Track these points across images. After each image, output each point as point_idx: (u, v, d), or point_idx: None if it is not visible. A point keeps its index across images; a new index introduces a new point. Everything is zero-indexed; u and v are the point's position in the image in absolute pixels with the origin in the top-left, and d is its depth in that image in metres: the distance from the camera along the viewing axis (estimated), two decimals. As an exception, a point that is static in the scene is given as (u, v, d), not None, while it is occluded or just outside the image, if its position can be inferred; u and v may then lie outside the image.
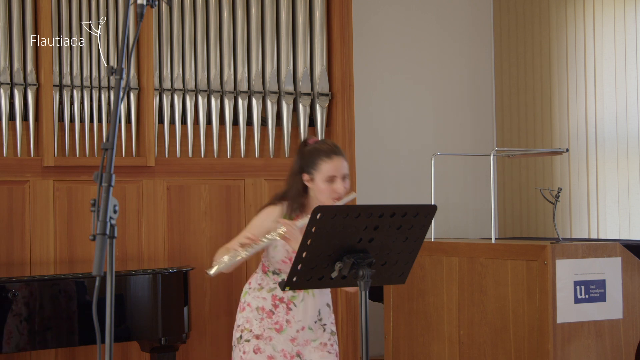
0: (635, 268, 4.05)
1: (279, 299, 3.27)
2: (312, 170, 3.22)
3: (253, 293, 3.31)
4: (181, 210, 5.38)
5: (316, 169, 3.20)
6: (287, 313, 3.26)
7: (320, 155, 3.22)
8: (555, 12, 6.38)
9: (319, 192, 3.21)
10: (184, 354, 5.26)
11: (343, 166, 3.23)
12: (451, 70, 6.86)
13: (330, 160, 3.21)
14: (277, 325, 3.25)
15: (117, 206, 2.07)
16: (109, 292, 2.06)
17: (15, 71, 5.05)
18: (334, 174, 3.20)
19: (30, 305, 4.11)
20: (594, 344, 3.95)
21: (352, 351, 5.70)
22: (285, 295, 3.27)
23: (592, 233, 6.05)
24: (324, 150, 3.23)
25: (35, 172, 5.07)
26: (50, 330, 4.14)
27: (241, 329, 3.28)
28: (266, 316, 3.26)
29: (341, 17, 5.79)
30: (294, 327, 3.26)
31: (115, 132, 2.13)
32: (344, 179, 3.22)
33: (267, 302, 3.27)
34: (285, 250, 3.21)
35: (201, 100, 5.47)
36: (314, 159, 3.22)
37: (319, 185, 3.20)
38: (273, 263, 3.27)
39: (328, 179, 3.19)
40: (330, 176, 3.19)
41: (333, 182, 3.19)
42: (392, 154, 6.62)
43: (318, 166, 3.20)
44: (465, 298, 4.35)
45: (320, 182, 3.19)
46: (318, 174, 3.20)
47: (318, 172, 3.20)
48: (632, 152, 5.81)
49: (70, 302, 4.21)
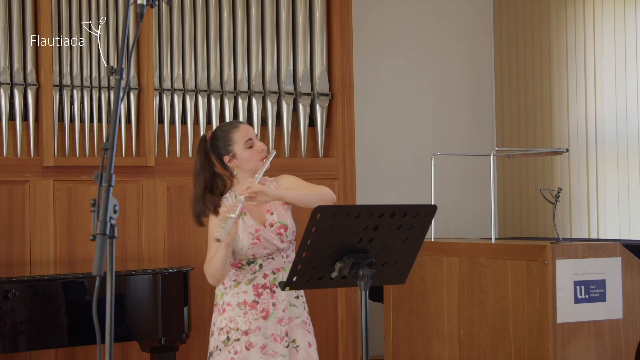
0: (635, 268, 4.05)
1: (261, 287, 3.26)
2: (228, 148, 3.27)
3: (231, 291, 3.29)
4: (181, 210, 5.38)
5: (231, 143, 3.27)
6: (272, 296, 3.26)
7: (228, 131, 3.29)
8: (555, 12, 6.38)
9: (245, 162, 3.27)
10: (184, 354, 5.26)
11: (250, 129, 3.33)
12: (451, 70, 6.86)
13: (238, 129, 3.29)
14: (264, 312, 3.24)
15: (117, 206, 2.07)
16: (109, 292, 2.06)
17: (15, 71, 5.05)
18: (249, 136, 3.28)
19: (30, 305, 4.11)
20: (594, 344, 3.95)
21: (352, 351, 5.70)
22: (267, 280, 3.26)
23: (592, 233, 6.05)
24: (228, 127, 3.32)
25: (35, 172, 5.07)
26: (50, 330, 4.14)
27: (226, 330, 3.26)
28: (249, 308, 3.24)
29: (341, 17, 5.79)
30: (280, 307, 3.26)
31: (115, 132, 2.13)
32: (257, 138, 3.32)
33: (248, 294, 3.25)
34: (248, 234, 3.22)
35: (201, 100, 5.47)
36: (224, 139, 3.29)
37: (243, 155, 3.26)
38: (243, 253, 3.24)
39: (247, 145, 3.26)
40: (248, 140, 3.26)
41: (253, 146, 3.27)
42: (392, 154, 6.62)
43: (231, 139, 3.27)
44: (465, 298, 4.35)
45: (242, 151, 3.26)
46: (236, 146, 3.26)
47: (235, 144, 3.26)
48: (632, 152, 5.81)
49: (70, 302, 4.21)
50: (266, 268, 3.27)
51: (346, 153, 5.78)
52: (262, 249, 3.24)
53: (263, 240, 3.23)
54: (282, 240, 3.26)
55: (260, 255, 3.25)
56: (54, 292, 4.18)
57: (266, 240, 3.24)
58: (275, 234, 3.25)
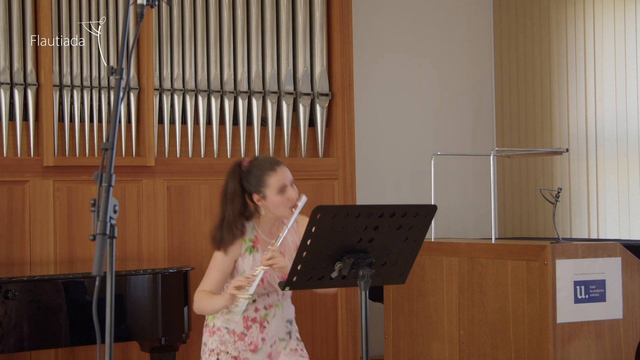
0: (635, 268, 4.05)
1: (251, 320, 3.24)
2: (260, 188, 3.18)
3: (222, 317, 3.26)
4: (181, 210, 5.38)
5: (264, 185, 3.17)
6: (262, 331, 3.24)
7: (265, 170, 3.19)
8: (555, 12, 6.38)
9: (274, 207, 3.18)
10: (184, 354, 5.26)
11: (288, 174, 3.22)
12: (451, 70, 6.86)
13: (276, 172, 3.19)
14: (252, 345, 3.23)
15: (117, 206, 2.07)
16: (109, 292, 2.06)
17: (15, 71, 5.05)
18: (284, 182, 3.18)
19: (30, 305, 4.11)
20: (594, 344, 3.95)
21: (352, 351, 5.70)
22: (258, 314, 3.24)
23: (592, 233, 6.05)
24: (266, 165, 3.21)
25: (35, 172, 5.07)
26: (50, 330, 4.14)
27: (217, 352, 3.25)
28: (238, 339, 3.23)
29: (341, 17, 5.79)
30: (269, 343, 3.25)
31: (115, 132, 2.13)
32: (292, 185, 3.21)
33: (238, 325, 3.23)
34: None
35: (201, 100, 5.47)
36: (258, 177, 3.19)
37: (273, 200, 3.17)
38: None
39: (279, 191, 3.17)
40: (281, 186, 3.17)
41: (285, 192, 3.17)
42: (392, 154, 6.62)
43: (266, 182, 3.17)
44: (465, 298, 4.35)
45: (273, 196, 3.17)
46: (268, 190, 3.17)
47: (267, 187, 3.17)
48: (632, 152, 5.81)
49: (70, 302, 4.20)
50: (259, 303, 3.25)
51: (346, 153, 5.78)
52: (262, 289, 3.21)
53: (266, 282, 3.21)
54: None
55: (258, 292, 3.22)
56: (54, 292, 4.18)
57: (269, 283, 3.22)
58: (280, 278, 3.17)
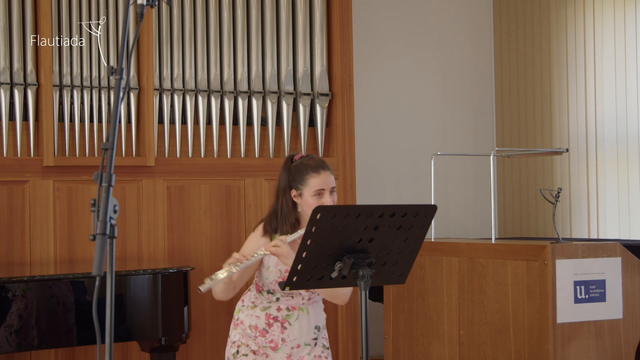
0: (635, 268, 4.05)
1: (273, 318, 3.25)
2: (299, 185, 3.20)
3: (246, 311, 3.29)
4: (181, 210, 5.38)
5: (304, 184, 3.19)
6: (282, 332, 3.24)
7: (308, 170, 3.20)
8: (555, 12, 6.38)
9: (307, 207, 3.17)
10: (184, 354, 5.26)
11: (330, 180, 3.21)
12: (451, 70, 6.86)
13: (318, 175, 3.18)
14: (272, 343, 3.24)
15: (117, 206, 2.07)
16: (109, 292, 2.06)
17: (15, 71, 5.05)
18: (322, 187, 3.18)
19: (30, 305, 4.11)
20: (594, 344, 3.95)
21: (352, 351, 5.70)
22: (280, 314, 3.24)
23: (592, 233, 6.05)
24: (311, 165, 3.21)
25: (35, 172, 5.07)
26: (50, 330, 4.14)
27: (238, 344, 3.27)
28: (259, 335, 3.24)
29: (341, 17, 5.79)
30: (289, 345, 3.25)
31: (115, 132, 2.13)
32: (331, 192, 3.21)
33: (260, 320, 3.25)
34: (277, 270, 3.20)
35: (201, 100, 5.47)
36: (301, 174, 3.20)
37: (308, 201, 3.17)
38: (267, 284, 3.25)
39: (316, 193, 3.17)
40: (319, 190, 3.17)
41: (321, 197, 3.18)
42: (392, 154, 6.62)
43: (306, 181, 3.18)
44: (465, 298, 4.35)
45: (309, 196, 3.17)
46: (306, 189, 3.18)
47: (306, 187, 3.18)
48: (632, 152, 5.81)
49: (70, 302, 4.21)
50: (282, 302, 3.25)
51: (346, 153, 5.78)
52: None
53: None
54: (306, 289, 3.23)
55: (279, 292, 3.23)
56: (54, 292, 4.18)
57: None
58: None
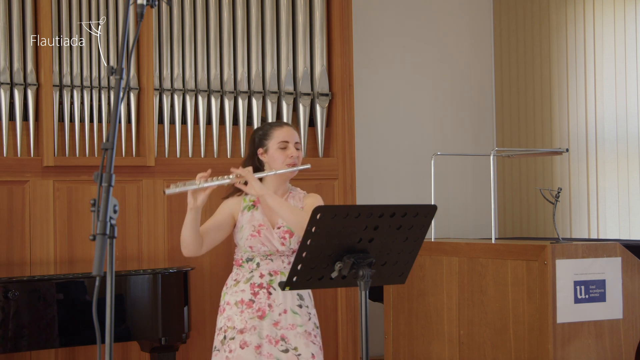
0: (635, 268, 4.05)
1: (258, 286, 3.28)
2: (264, 141, 3.34)
3: (231, 291, 3.33)
4: (181, 210, 5.37)
5: (268, 137, 3.33)
6: (268, 297, 3.28)
7: (272, 125, 3.38)
8: (555, 12, 6.38)
9: (273, 161, 3.30)
10: (184, 354, 5.26)
11: (294, 135, 3.35)
12: (451, 70, 6.86)
13: (281, 128, 3.35)
14: (260, 312, 3.26)
15: (117, 206, 2.07)
16: (109, 292, 2.06)
17: (15, 71, 5.05)
18: (286, 139, 3.31)
19: (30, 305, 4.11)
20: (594, 344, 3.95)
21: (352, 351, 5.70)
22: (263, 280, 3.28)
23: (592, 233, 6.05)
24: (275, 123, 3.41)
25: (35, 172, 5.07)
26: (50, 330, 4.14)
27: (224, 329, 3.28)
28: (246, 307, 3.26)
29: (341, 17, 5.79)
30: (276, 311, 3.27)
31: (115, 132, 2.13)
32: (296, 148, 3.33)
33: (245, 293, 3.28)
34: (251, 226, 3.27)
35: (201, 100, 5.47)
36: (265, 130, 3.36)
37: (273, 155, 3.31)
38: (243, 246, 3.29)
39: (281, 145, 3.30)
40: (283, 141, 3.31)
41: (286, 149, 3.30)
42: (392, 154, 6.62)
43: (270, 134, 3.33)
44: (465, 298, 4.35)
45: (274, 150, 3.31)
46: (271, 142, 3.32)
47: (270, 139, 3.32)
48: (632, 152, 5.81)
49: (70, 302, 4.21)
50: (263, 268, 3.29)
51: (346, 153, 5.78)
52: (259, 244, 3.27)
53: (262, 236, 3.27)
54: (282, 244, 3.28)
55: (258, 251, 3.28)
56: (54, 292, 4.18)
57: (265, 238, 3.27)
58: (278, 237, 3.28)
